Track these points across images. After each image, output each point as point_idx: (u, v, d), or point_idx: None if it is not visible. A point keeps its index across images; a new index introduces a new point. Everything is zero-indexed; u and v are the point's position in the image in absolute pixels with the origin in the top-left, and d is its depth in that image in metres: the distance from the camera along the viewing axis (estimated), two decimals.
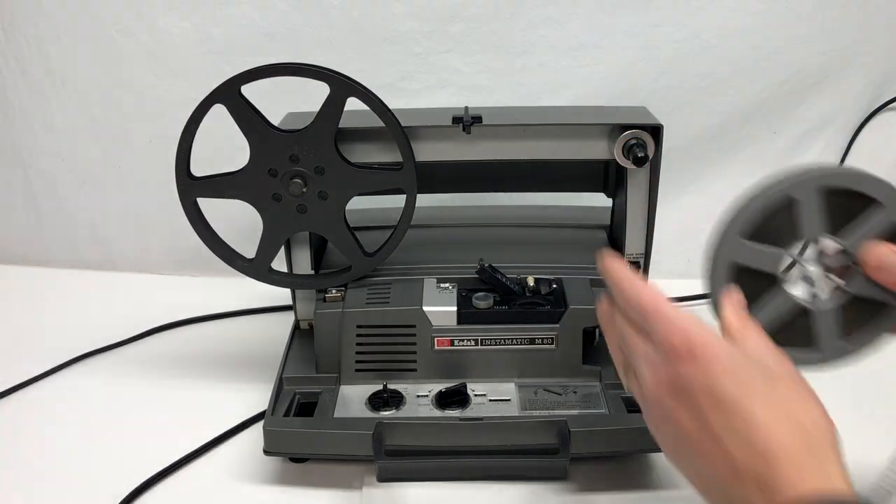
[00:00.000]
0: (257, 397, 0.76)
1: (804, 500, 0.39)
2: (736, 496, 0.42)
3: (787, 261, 0.52)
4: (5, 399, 0.80)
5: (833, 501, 0.39)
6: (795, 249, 0.52)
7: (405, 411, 0.68)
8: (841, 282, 0.52)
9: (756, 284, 0.52)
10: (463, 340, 0.70)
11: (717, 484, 0.43)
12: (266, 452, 0.66)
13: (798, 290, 0.53)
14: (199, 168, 0.70)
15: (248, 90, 0.67)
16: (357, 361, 0.71)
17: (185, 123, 0.68)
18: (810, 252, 0.53)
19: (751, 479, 0.41)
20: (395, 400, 0.69)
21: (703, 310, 0.72)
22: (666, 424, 0.46)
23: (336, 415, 0.68)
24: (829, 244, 0.52)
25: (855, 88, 1.02)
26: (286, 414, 0.68)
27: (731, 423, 0.42)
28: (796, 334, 0.53)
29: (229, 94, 0.66)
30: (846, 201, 0.51)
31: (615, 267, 0.51)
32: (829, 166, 0.55)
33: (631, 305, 0.48)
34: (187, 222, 0.71)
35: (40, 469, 0.69)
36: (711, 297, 0.52)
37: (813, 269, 0.53)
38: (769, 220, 0.51)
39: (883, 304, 0.52)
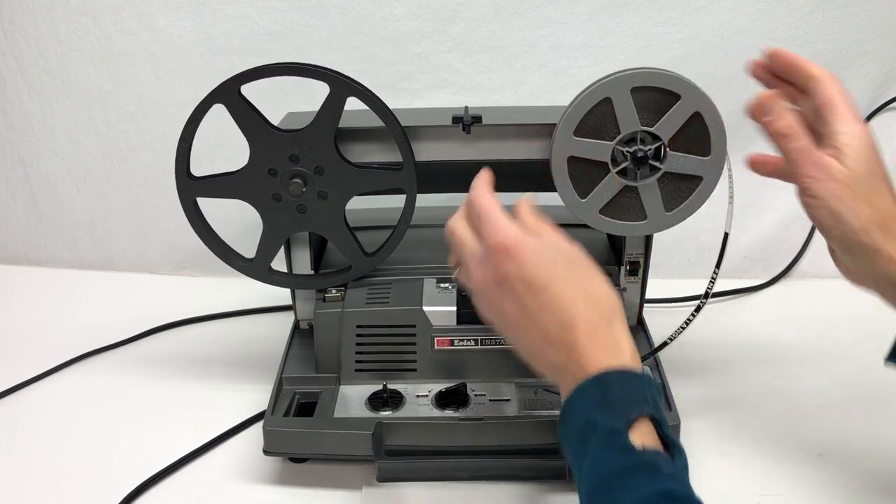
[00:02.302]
0: (257, 397, 0.76)
1: (597, 368, 0.49)
2: (552, 361, 0.52)
3: (611, 150, 0.65)
4: (5, 399, 0.80)
5: (617, 370, 0.49)
6: (621, 140, 0.65)
7: (405, 411, 0.68)
8: (656, 162, 0.65)
9: (592, 171, 0.65)
10: (463, 340, 0.70)
11: (538, 352, 0.53)
12: (266, 452, 0.66)
13: (627, 173, 0.66)
14: (198, 168, 0.70)
15: (247, 90, 0.67)
16: (357, 361, 0.71)
17: (184, 123, 0.68)
18: (633, 141, 0.65)
19: (560, 346, 0.51)
20: (395, 400, 0.69)
21: (704, 309, 0.72)
22: (494, 310, 0.55)
23: (336, 415, 0.68)
24: (646, 134, 0.65)
25: (855, 88, 1.02)
26: (286, 414, 0.68)
27: (542, 302, 0.52)
28: (629, 209, 0.68)
29: (229, 93, 0.66)
30: (657, 97, 0.63)
31: (479, 175, 0.59)
32: (635, 68, 0.63)
33: (472, 207, 0.56)
34: (187, 222, 0.71)
35: (40, 469, 0.69)
36: (556, 186, 0.67)
37: (635, 155, 0.65)
38: (593, 118, 0.64)
39: (695, 179, 0.66)
